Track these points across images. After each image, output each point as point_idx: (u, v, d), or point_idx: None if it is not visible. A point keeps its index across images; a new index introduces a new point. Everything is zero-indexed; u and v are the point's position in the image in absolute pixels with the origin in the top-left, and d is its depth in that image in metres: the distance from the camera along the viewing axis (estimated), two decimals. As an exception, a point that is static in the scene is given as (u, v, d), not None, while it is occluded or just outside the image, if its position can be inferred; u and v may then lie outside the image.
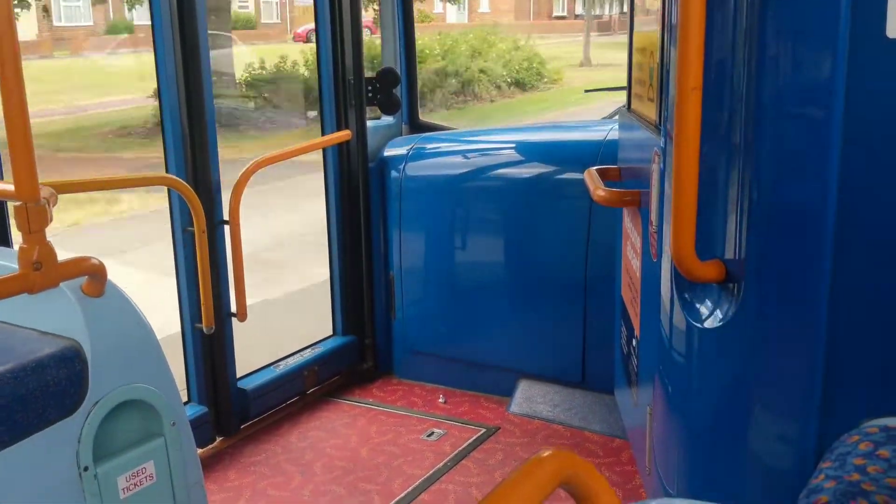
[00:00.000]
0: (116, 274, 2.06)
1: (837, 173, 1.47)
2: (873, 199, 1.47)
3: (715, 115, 1.66)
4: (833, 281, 1.51)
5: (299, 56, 18.42)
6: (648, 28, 2.36)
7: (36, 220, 1.68)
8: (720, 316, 1.68)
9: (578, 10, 47.55)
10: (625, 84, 2.82)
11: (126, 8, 28.70)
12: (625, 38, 2.78)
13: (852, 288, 1.50)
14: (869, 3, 1.41)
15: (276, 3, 36.07)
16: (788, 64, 1.53)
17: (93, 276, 1.89)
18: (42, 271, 1.70)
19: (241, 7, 33.59)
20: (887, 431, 1.40)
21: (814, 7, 1.48)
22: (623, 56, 2.82)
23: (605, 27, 43.99)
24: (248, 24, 31.65)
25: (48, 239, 1.71)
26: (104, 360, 1.92)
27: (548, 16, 47.58)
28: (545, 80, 23.70)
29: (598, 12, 47.40)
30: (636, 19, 2.68)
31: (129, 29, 27.89)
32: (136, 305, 2.04)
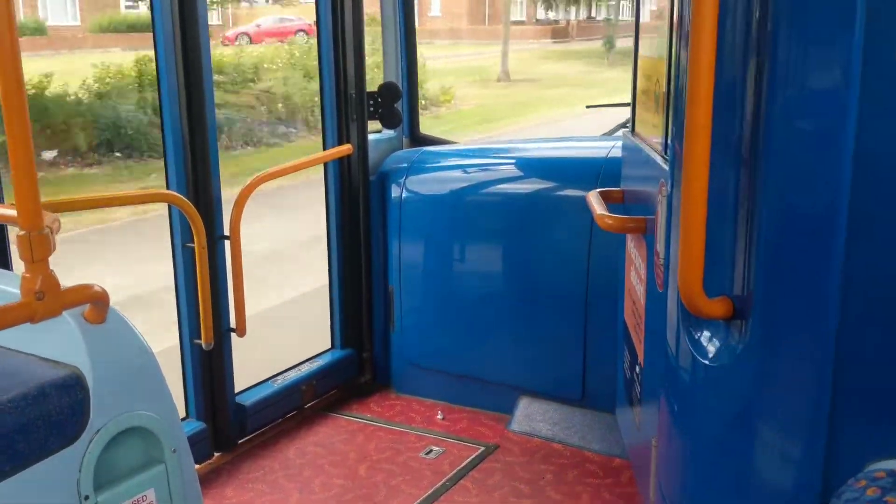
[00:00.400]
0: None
1: (847, 213, 1.46)
2: (883, 240, 1.46)
3: (724, 142, 1.65)
4: (841, 321, 1.50)
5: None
6: (653, 52, 2.36)
7: (39, 249, 1.67)
8: (727, 353, 1.67)
9: (541, 14, 46.73)
10: (620, 101, 2.81)
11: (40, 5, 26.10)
12: (581, 47, 2.77)
13: (859, 329, 1.49)
14: (884, 16, 1.40)
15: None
16: (799, 109, 1.52)
17: (95, 303, 1.88)
18: (45, 300, 1.68)
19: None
20: (894, 476, 1.40)
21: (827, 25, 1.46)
22: (573, 69, 2.81)
23: (561, 34, 42.61)
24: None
25: (51, 268, 1.69)
26: (106, 387, 1.91)
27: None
28: (424, 102, 19.49)
29: (554, 16, 46.29)
30: (642, 40, 2.68)
31: (41, 30, 25.54)
32: (138, 331, 2.02)
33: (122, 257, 8.56)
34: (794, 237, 1.55)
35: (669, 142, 1.95)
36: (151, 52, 3.02)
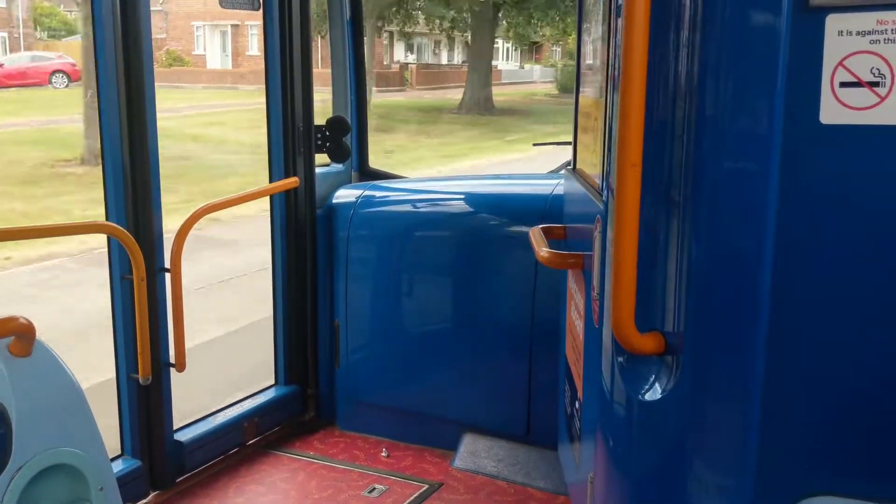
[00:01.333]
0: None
1: (773, 252, 1.50)
2: (809, 278, 1.50)
3: (655, 182, 1.68)
4: (768, 358, 1.53)
5: None
6: (593, 92, 2.40)
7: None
8: (659, 388, 1.69)
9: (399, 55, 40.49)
10: (566, 140, 2.86)
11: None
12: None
13: (786, 367, 1.52)
14: (804, 65, 1.45)
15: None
16: (726, 136, 1.56)
17: (20, 335, 1.83)
18: (-35, 333, 1.63)
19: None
20: None
21: (752, 84, 1.52)
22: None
23: (388, 80, 36.68)
24: None
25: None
26: (30, 422, 1.85)
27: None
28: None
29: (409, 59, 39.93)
30: (583, 80, 2.73)
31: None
32: (66, 365, 1.97)
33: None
34: (724, 276, 1.58)
35: (604, 180, 1.98)
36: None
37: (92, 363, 4.77)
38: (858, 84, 1.43)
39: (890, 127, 1.42)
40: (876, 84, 1.42)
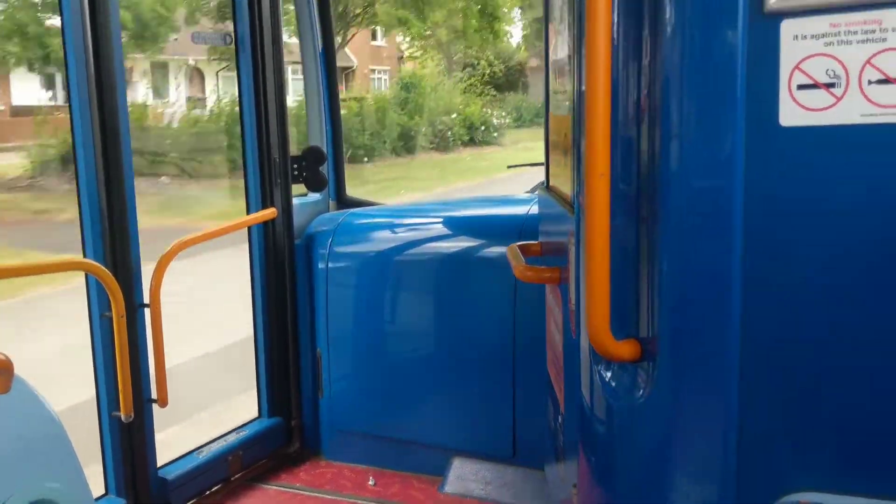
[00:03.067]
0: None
1: (741, 262, 1.53)
2: (776, 286, 1.53)
3: (623, 196, 1.72)
4: (742, 358, 1.55)
5: None
6: (561, 110, 2.44)
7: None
8: (637, 394, 1.70)
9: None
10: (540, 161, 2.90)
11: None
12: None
13: (761, 368, 1.55)
14: (763, 82, 1.49)
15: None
16: (690, 147, 1.60)
17: (-2, 371, 1.82)
18: (-59, 369, 1.62)
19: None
20: None
21: (713, 94, 1.56)
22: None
23: None
24: None
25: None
26: (10, 459, 1.84)
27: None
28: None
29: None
30: (552, 100, 2.77)
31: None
32: (45, 400, 1.96)
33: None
34: (694, 280, 1.61)
35: (575, 193, 2.01)
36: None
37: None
38: (815, 86, 1.48)
39: (846, 126, 1.46)
40: (832, 85, 1.47)
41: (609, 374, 1.78)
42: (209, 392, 6.58)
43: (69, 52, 2.94)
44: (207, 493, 3.57)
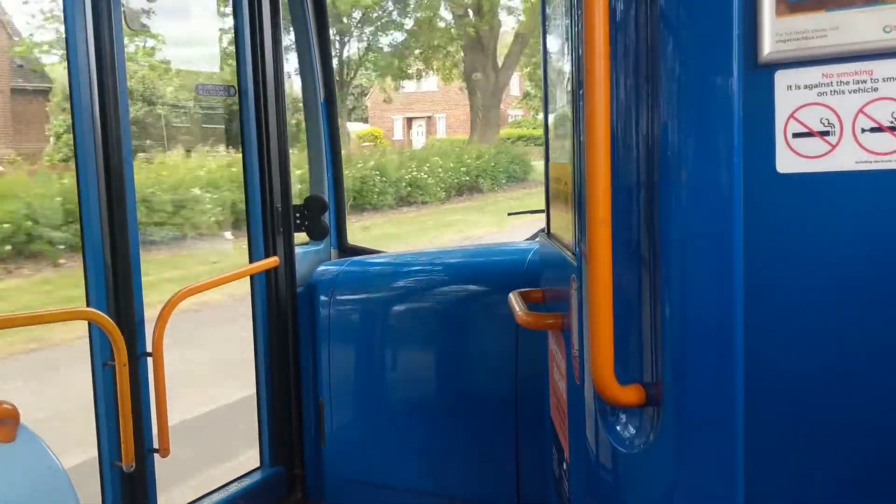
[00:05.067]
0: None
1: (743, 306, 1.55)
2: (779, 329, 1.55)
3: (625, 242, 1.74)
4: (746, 401, 1.56)
5: None
6: (562, 157, 2.48)
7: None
8: (643, 439, 1.71)
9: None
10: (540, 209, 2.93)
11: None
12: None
13: (766, 406, 1.56)
14: (759, 123, 1.53)
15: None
16: (689, 194, 1.63)
17: (4, 420, 1.83)
18: (-52, 419, 1.63)
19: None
20: None
21: (710, 141, 1.59)
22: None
23: None
24: None
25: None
26: None
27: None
28: None
29: None
30: (552, 148, 2.82)
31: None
32: (51, 450, 1.96)
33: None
34: (697, 325, 1.62)
35: (577, 239, 2.03)
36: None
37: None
38: (810, 134, 1.51)
39: (842, 173, 1.49)
40: (826, 133, 1.50)
41: (614, 420, 1.78)
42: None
43: (76, 105, 2.99)
44: (208, 544, 3.54)
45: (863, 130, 1.47)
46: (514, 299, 2.66)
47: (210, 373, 8.27)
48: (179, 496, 3.64)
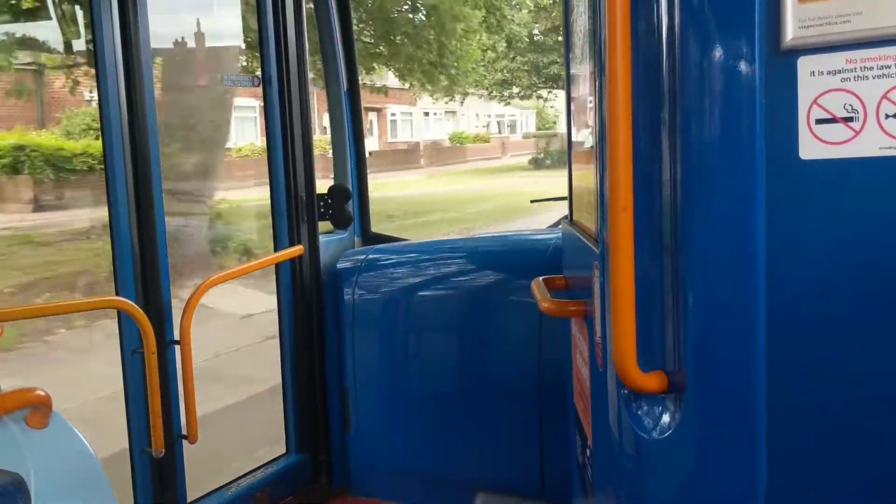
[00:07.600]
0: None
1: (765, 285, 1.54)
2: (803, 316, 1.54)
3: (647, 229, 1.74)
4: (769, 388, 1.56)
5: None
6: (585, 144, 2.48)
7: (-21, 353, 1.67)
8: (666, 426, 1.71)
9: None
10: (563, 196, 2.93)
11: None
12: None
13: (789, 394, 1.55)
14: (780, 116, 1.52)
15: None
16: (711, 179, 1.63)
17: (37, 407, 1.87)
18: (-16, 405, 1.67)
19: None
20: None
21: (733, 128, 1.59)
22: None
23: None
24: None
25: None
26: (48, 494, 1.87)
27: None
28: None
29: None
30: (574, 136, 2.82)
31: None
32: (82, 436, 2.00)
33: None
34: (718, 315, 1.62)
35: (599, 227, 2.04)
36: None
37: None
38: (833, 120, 1.50)
39: (865, 159, 1.48)
40: (850, 119, 1.49)
41: (636, 406, 1.79)
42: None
43: (103, 99, 3.03)
44: (236, 529, 3.60)
45: (886, 116, 1.46)
46: (536, 287, 2.67)
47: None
48: (209, 482, 3.69)
